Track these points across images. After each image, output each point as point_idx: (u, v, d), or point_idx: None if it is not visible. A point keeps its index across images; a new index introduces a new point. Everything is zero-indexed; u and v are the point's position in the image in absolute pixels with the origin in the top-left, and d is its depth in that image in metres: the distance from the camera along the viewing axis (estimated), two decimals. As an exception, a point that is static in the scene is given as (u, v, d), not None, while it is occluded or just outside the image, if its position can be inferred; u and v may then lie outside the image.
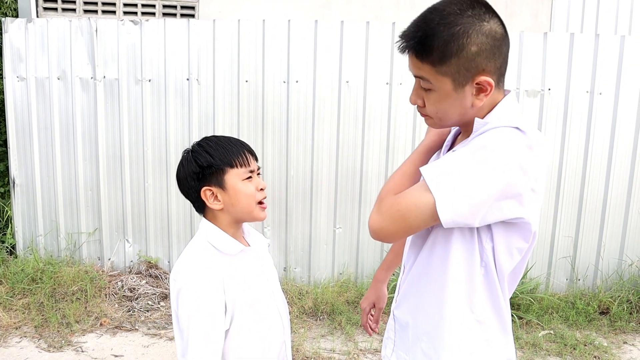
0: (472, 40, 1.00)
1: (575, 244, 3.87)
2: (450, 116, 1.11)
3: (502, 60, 1.06)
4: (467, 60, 1.01)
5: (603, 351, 3.18)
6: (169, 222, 3.97)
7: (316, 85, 3.76)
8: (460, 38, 1.00)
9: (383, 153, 3.81)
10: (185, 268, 1.25)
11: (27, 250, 4.04)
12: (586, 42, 3.67)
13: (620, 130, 3.74)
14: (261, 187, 1.33)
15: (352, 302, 3.66)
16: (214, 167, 1.28)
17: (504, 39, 1.05)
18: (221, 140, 1.32)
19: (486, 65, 1.03)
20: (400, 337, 1.24)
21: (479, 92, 1.06)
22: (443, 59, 1.02)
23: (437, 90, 1.07)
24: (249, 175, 1.31)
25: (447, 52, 1.01)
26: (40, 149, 3.98)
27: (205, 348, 1.21)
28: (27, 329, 3.27)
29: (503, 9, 5.03)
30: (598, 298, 3.70)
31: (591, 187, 3.80)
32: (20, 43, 3.87)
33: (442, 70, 1.03)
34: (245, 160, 1.31)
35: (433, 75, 1.05)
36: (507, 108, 1.10)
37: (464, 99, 1.07)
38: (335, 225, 3.91)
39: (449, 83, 1.05)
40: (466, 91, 1.06)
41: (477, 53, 1.01)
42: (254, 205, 1.32)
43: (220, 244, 1.29)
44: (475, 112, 1.10)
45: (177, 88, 3.82)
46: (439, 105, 1.09)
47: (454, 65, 1.02)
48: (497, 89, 1.09)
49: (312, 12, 4.84)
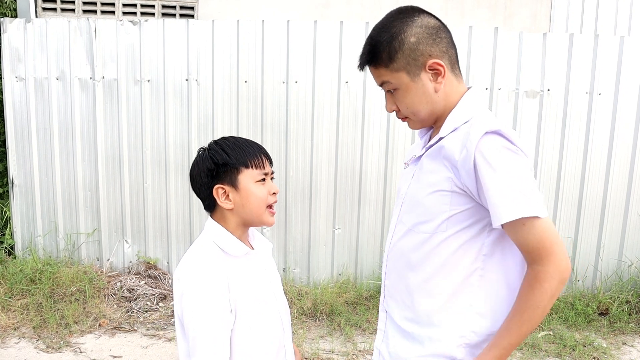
0: (408, 33, 1.18)
1: (574, 244, 3.87)
2: (420, 107, 1.23)
3: (446, 44, 1.21)
4: (410, 50, 1.18)
5: (602, 352, 3.18)
6: (168, 223, 3.96)
7: (315, 86, 3.76)
8: (399, 35, 1.19)
9: (382, 154, 3.81)
10: (190, 268, 1.24)
11: (26, 251, 4.04)
12: (585, 43, 3.67)
13: (619, 131, 3.74)
14: (273, 192, 1.33)
15: (351, 303, 3.66)
16: (228, 165, 1.29)
17: (440, 27, 1.22)
18: (239, 141, 1.33)
19: (430, 51, 1.19)
20: (388, 326, 1.34)
21: (436, 76, 1.21)
22: (391, 57, 1.20)
23: (399, 87, 1.22)
24: (262, 177, 1.31)
25: (392, 50, 1.19)
26: (39, 150, 3.98)
27: (214, 348, 1.20)
28: (25, 329, 3.26)
29: (502, 9, 5.03)
30: (597, 299, 3.69)
31: (590, 188, 3.80)
32: (19, 43, 3.87)
33: (394, 67, 1.20)
34: (260, 162, 1.31)
35: (390, 75, 1.22)
36: (472, 100, 1.24)
37: (425, 86, 1.21)
38: (334, 226, 3.91)
39: (405, 76, 1.20)
40: (423, 79, 1.21)
41: (417, 42, 1.18)
42: (264, 209, 1.32)
43: (226, 245, 1.29)
44: (444, 100, 1.23)
45: (176, 88, 3.82)
46: (406, 99, 1.23)
47: (401, 59, 1.19)
48: (454, 76, 1.23)
49: (311, 12, 4.84)
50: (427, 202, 1.21)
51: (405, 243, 1.26)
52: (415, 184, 1.26)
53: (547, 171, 3.80)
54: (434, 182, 1.20)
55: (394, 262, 1.31)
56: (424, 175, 1.23)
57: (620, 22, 5.18)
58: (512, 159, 1.11)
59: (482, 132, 1.11)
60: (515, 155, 1.11)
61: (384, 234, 3.88)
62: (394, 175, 3.83)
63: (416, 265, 1.24)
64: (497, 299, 1.20)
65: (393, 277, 1.31)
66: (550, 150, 3.77)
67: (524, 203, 1.08)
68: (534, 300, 1.09)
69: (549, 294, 1.08)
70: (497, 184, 1.09)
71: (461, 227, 1.18)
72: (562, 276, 1.08)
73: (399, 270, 1.29)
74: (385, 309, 1.35)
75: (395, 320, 1.31)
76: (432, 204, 1.20)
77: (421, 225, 1.22)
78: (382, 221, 3.88)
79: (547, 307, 1.09)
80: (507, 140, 1.12)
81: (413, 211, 1.25)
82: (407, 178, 1.33)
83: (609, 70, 3.68)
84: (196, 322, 1.19)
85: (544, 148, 3.77)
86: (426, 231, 1.21)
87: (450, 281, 1.20)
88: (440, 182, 1.18)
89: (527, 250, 1.11)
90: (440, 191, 1.18)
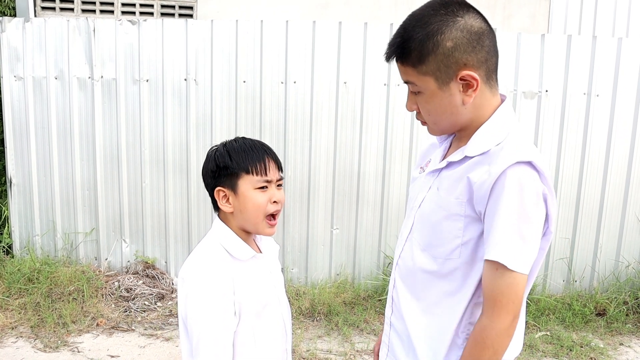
0: (446, 36, 1.03)
1: (572, 245, 3.87)
2: (442, 117, 1.12)
3: (486, 53, 1.07)
4: (444, 56, 1.04)
5: (599, 353, 3.19)
6: (166, 223, 3.96)
7: (314, 86, 3.76)
8: (435, 36, 1.04)
9: (380, 154, 3.81)
10: (195, 269, 1.23)
11: (24, 250, 4.04)
12: (583, 44, 3.68)
13: (617, 132, 3.75)
14: (274, 200, 1.28)
15: (349, 303, 3.66)
16: (229, 170, 1.27)
17: (484, 31, 1.06)
18: (246, 144, 1.29)
19: (467, 60, 1.05)
20: (394, 342, 1.26)
21: (467, 88, 1.07)
22: (421, 59, 1.06)
23: (424, 92, 1.10)
24: (263, 184, 1.27)
25: (424, 51, 1.05)
26: (37, 149, 3.97)
27: (216, 349, 1.19)
28: (23, 329, 3.26)
29: (500, 10, 5.03)
30: (595, 299, 3.70)
31: (588, 189, 3.81)
32: (17, 42, 3.87)
33: (423, 70, 1.07)
34: (263, 168, 1.26)
35: (416, 77, 1.09)
36: (505, 117, 1.12)
37: (452, 96, 1.08)
38: (332, 226, 3.91)
39: (432, 82, 1.07)
40: (452, 88, 1.07)
41: (454, 48, 1.04)
42: (261, 218, 1.27)
43: (233, 248, 1.27)
44: (472, 114, 1.11)
45: (174, 88, 3.82)
46: (429, 106, 1.11)
47: (432, 63, 1.05)
48: (488, 87, 1.10)
49: (310, 12, 4.84)
50: (441, 226, 1.13)
51: (415, 261, 1.19)
52: (430, 201, 1.17)
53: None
54: (448, 205, 1.12)
55: (404, 279, 1.23)
56: (441, 195, 1.14)
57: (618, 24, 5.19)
58: (532, 202, 1.03)
59: (513, 161, 1.02)
60: (537, 201, 1.04)
61: (382, 235, 3.89)
62: (392, 176, 3.83)
63: (425, 288, 1.18)
64: None
65: (401, 292, 1.24)
66: (548, 151, 3.77)
67: (514, 250, 1.02)
68: (477, 356, 1.07)
69: (492, 351, 1.05)
70: (506, 219, 1.02)
71: (475, 255, 1.11)
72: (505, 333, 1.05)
73: (409, 288, 1.22)
74: (390, 322, 1.28)
75: (399, 334, 1.25)
76: (446, 229, 1.12)
77: (433, 249, 1.15)
78: (380, 222, 3.88)
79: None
80: (537, 173, 1.04)
81: (425, 231, 1.18)
82: (422, 188, 1.23)
83: (607, 72, 3.69)
84: (200, 323, 1.19)
85: (542, 149, 3.78)
86: (438, 255, 1.14)
87: (456, 311, 1.14)
88: (454, 206, 1.10)
89: (486, 296, 1.07)
90: (453, 215, 1.11)
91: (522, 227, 1.02)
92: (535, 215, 1.04)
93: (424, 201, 1.20)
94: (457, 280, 1.12)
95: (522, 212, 1.02)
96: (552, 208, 1.07)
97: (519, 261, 1.03)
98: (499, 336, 1.05)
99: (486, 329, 1.06)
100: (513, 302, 1.04)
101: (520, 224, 1.02)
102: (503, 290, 1.03)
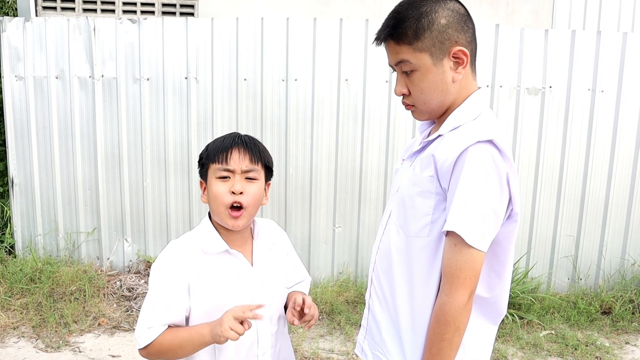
0: (439, 14, 1.12)
1: (577, 243, 3.84)
2: (434, 95, 1.17)
3: (471, 35, 1.16)
4: (439, 32, 1.12)
5: (605, 352, 3.15)
6: (167, 222, 3.95)
7: (315, 84, 3.74)
8: (430, 14, 1.12)
9: (382, 151, 3.79)
10: (160, 255, 1.28)
11: (26, 250, 4.04)
12: (588, 40, 3.63)
13: (622, 129, 3.70)
14: (233, 191, 1.22)
15: (351, 301, 3.64)
16: (202, 160, 1.31)
17: (468, 16, 1.17)
18: (225, 136, 1.30)
19: (458, 37, 1.13)
20: (371, 325, 1.31)
21: (457, 65, 1.15)
22: (417, 35, 1.12)
23: (418, 69, 1.15)
24: (224, 174, 1.24)
25: (420, 28, 1.12)
26: (38, 149, 3.97)
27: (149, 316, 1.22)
28: (24, 329, 3.26)
29: (504, 6, 4.99)
30: (600, 298, 3.66)
31: (593, 186, 3.77)
32: (18, 42, 3.86)
33: (419, 46, 1.13)
34: (224, 157, 1.24)
35: (412, 54, 1.14)
36: (479, 100, 1.19)
37: (444, 73, 1.15)
38: (334, 224, 3.89)
39: (428, 58, 1.13)
40: (445, 65, 1.14)
41: (447, 25, 1.12)
42: (223, 209, 1.24)
43: (204, 241, 1.29)
44: (457, 94, 1.18)
45: (175, 87, 3.81)
46: (422, 83, 1.16)
47: (428, 39, 1.12)
48: (472, 70, 1.19)
49: (311, 10, 4.81)
50: (414, 202, 1.17)
51: (392, 241, 1.23)
52: (407, 180, 1.22)
53: (549, 169, 3.77)
54: (421, 182, 1.16)
55: (381, 260, 1.28)
56: (416, 172, 1.19)
57: (623, 19, 5.14)
58: (492, 180, 1.06)
59: (475, 139, 1.07)
60: (499, 179, 1.07)
61: (384, 233, 3.86)
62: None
63: (398, 267, 1.21)
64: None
65: (379, 274, 1.29)
66: (552, 148, 3.74)
67: (473, 226, 1.05)
68: (440, 333, 1.09)
69: (453, 327, 1.08)
70: (466, 195, 1.06)
71: (442, 235, 1.13)
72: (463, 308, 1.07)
73: (384, 269, 1.26)
74: (368, 305, 1.33)
75: (376, 318, 1.29)
76: (418, 205, 1.16)
77: (407, 227, 1.19)
78: (382, 220, 3.85)
79: (453, 339, 1.08)
80: (499, 151, 1.08)
81: (401, 209, 1.22)
82: (401, 174, 1.29)
83: (612, 67, 3.65)
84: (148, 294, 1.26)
85: (546, 146, 3.74)
86: (409, 233, 1.18)
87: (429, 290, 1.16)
88: (426, 182, 1.15)
89: (444, 272, 1.10)
90: (426, 192, 1.15)
91: (481, 203, 1.06)
92: (495, 193, 1.07)
93: (401, 184, 1.25)
94: (427, 259, 1.15)
95: (481, 189, 1.06)
96: (514, 188, 1.10)
97: (476, 236, 1.05)
98: (457, 312, 1.07)
99: (445, 305, 1.09)
100: (470, 279, 1.07)
101: (480, 200, 1.06)
102: (461, 266, 1.07)
